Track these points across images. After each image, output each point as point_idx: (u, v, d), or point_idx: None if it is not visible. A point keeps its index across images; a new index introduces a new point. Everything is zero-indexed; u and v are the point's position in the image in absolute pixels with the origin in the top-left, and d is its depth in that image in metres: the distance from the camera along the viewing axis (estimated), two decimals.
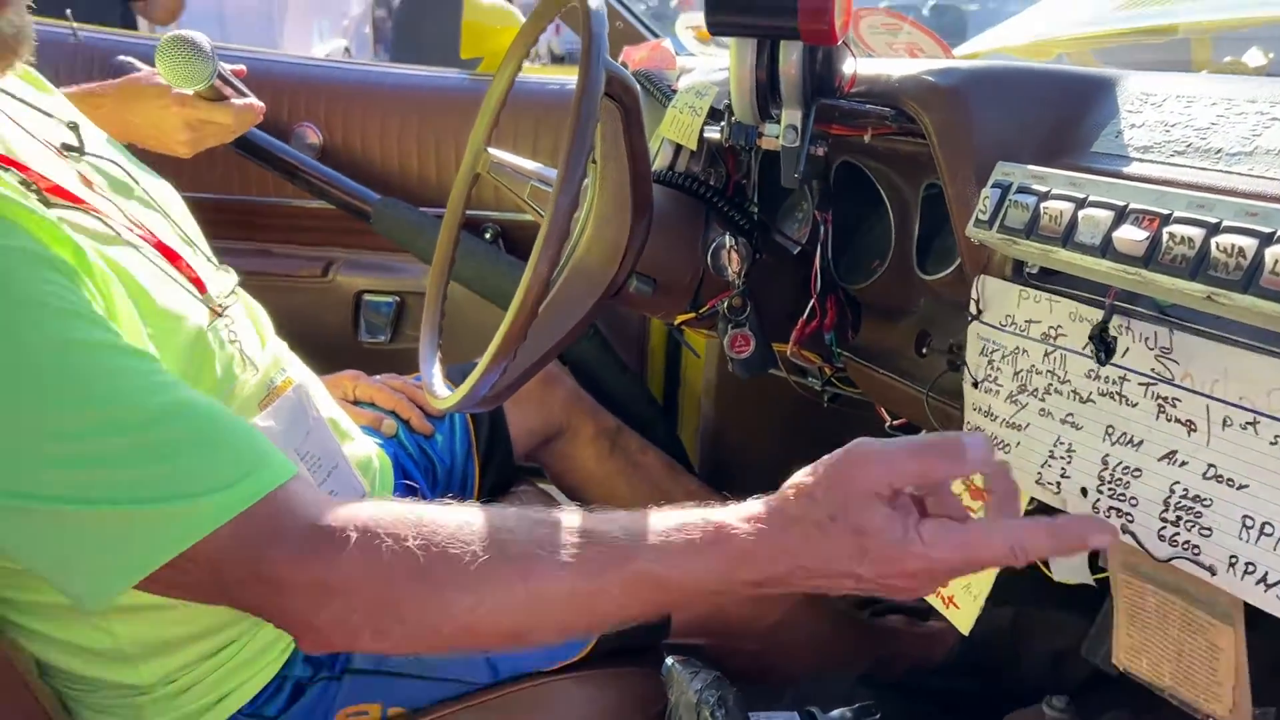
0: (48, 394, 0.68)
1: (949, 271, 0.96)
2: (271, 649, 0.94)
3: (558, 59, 6.03)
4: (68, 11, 1.70)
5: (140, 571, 0.68)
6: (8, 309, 0.69)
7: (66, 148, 0.91)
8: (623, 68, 0.93)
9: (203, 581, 0.70)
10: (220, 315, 0.93)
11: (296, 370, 1.06)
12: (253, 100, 1.35)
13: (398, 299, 1.76)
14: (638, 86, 0.95)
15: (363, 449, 1.14)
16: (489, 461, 1.38)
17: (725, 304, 1.11)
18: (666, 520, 0.70)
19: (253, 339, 1.00)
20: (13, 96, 0.91)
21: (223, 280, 1.00)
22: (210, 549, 0.68)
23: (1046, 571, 0.89)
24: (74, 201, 0.82)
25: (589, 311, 1.07)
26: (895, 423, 1.11)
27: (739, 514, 0.69)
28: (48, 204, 0.78)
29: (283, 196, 1.70)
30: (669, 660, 1.00)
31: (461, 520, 0.71)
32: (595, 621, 0.78)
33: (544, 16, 1.07)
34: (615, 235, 1.05)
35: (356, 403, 1.32)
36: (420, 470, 1.28)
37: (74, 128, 0.94)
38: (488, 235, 1.68)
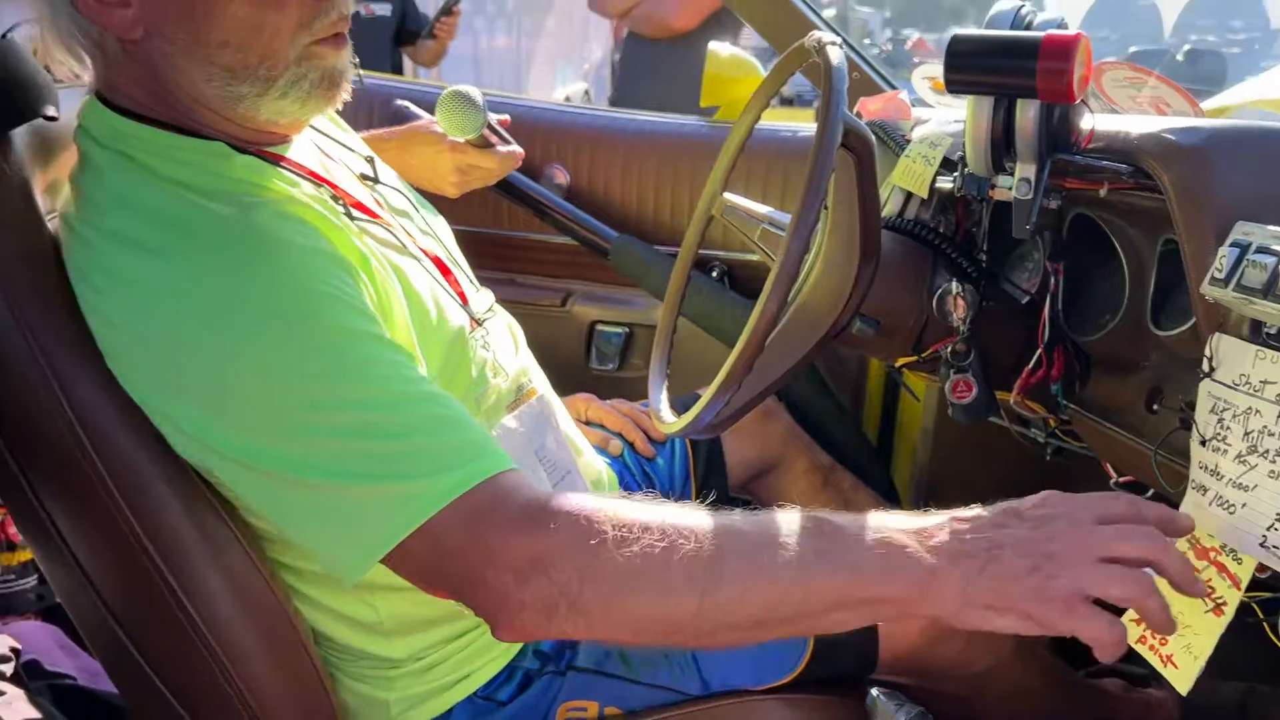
0: (314, 368, 0.80)
1: (1184, 329, 0.94)
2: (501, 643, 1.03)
3: (787, 101, 6.11)
4: (355, 59, 1.92)
5: (379, 548, 0.78)
6: (298, 294, 0.82)
7: (364, 177, 1.06)
8: (859, 120, 0.98)
9: (431, 558, 0.79)
10: (479, 325, 1.05)
11: (541, 383, 1.17)
12: (515, 148, 1.49)
13: (627, 330, 1.86)
14: (873, 138, 0.99)
15: (593, 464, 1.23)
16: (705, 488, 1.44)
17: (949, 349, 1.13)
18: (859, 530, 0.76)
19: (507, 348, 1.11)
20: (323, 133, 1.06)
21: (482, 299, 1.12)
22: (441, 523, 0.77)
23: None
24: (372, 216, 0.96)
25: (811, 350, 1.11)
26: (1121, 479, 1.09)
27: (935, 524, 0.76)
28: (351, 216, 0.92)
29: (530, 231, 1.85)
30: (874, 691, 1.03)
31: (664, 518, 0.77)
32: (784, 630, 0.82)
33: (787, 70, 1.14)
34: (842, 278, 1.10)
35: (588, 423, 1.42)
36: (642, 491, 1.36)
37: (370, 161, 1.09)
38: (715, 273, 1.75)
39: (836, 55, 0.99)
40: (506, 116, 1.54)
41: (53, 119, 0.95)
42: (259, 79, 0.89)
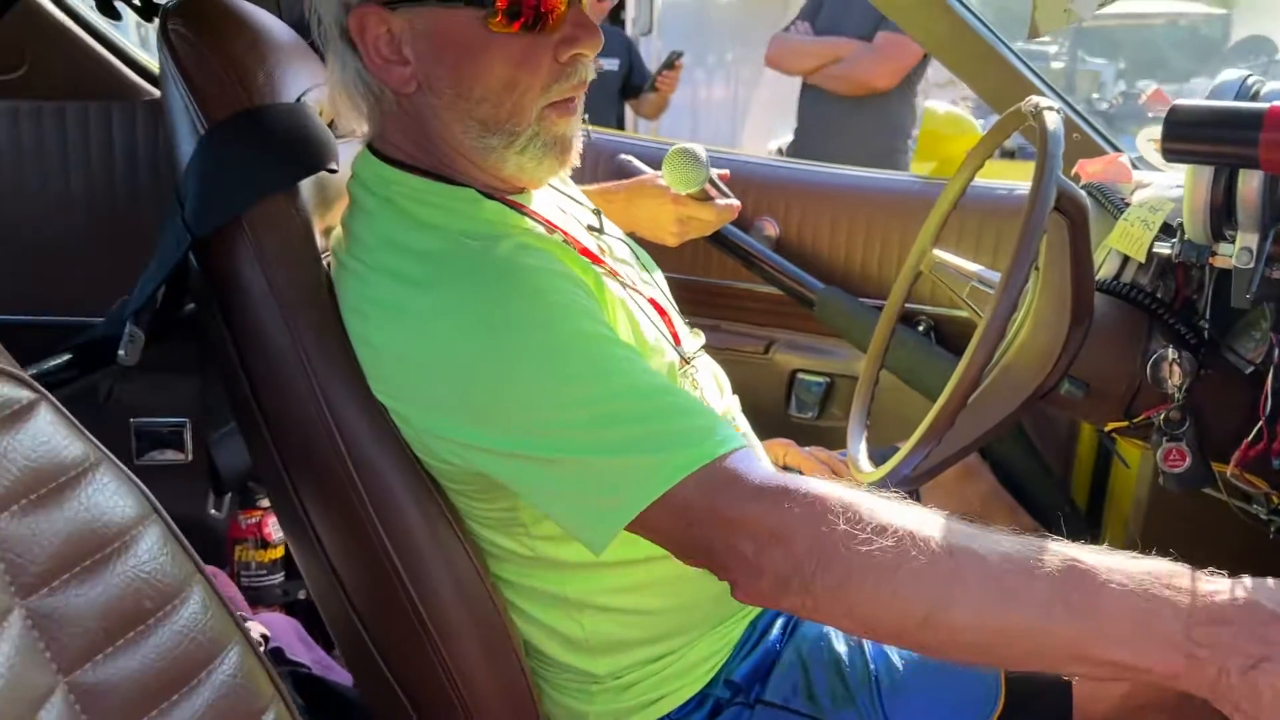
0: (573, 371, 0.90)
1: None
2: (701, 665, 1.09)
3: (1007, 153, 5.95)
4: (585, 116, 2.06)
5: (632, 510, 0.85)
6: (545, 308, 0.92)
7: (590, 227, 1.15)
8: (1072, 184, 0.99)
9: (675, 525, 0.86)
10: (688, 364, 1.12)
11: (743, 426, 1.22)
12: (732, 201, 1.57)
13: (829, 380, 1.89)
14: (1087, 202, 1.00)
15: None
16: None
17: (1162, 416, 1.11)
18: (1125, 578, 0.76)
19: (712, 389, 1.17)
20: (555, 188, 1.17)
21: (693, 341, 1.19)
22: (684, 492, 0.84)
23: None
24: (597, 262, 1.05)
25: (1016, 409, 1.12)
26: None
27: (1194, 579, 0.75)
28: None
29: (738, 280, 1.91)
30: None
31: (904, 523, 0.80)
32: (994, 659, 0.84)
33: (1003, 132, 1.17)
34: (1051, 339, 1.10)
35: (785, 468, 1.45)
36: None
37: (596, 213, 1.19)
38: (921, 328, 1.76)
39: (1053, 120, 1.01)
40: (726, 171, 1.62)
41: (333, 171, 1.10)
42: (505, 133, 0.99)
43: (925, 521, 0.81)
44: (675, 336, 1.13)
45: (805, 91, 3.47)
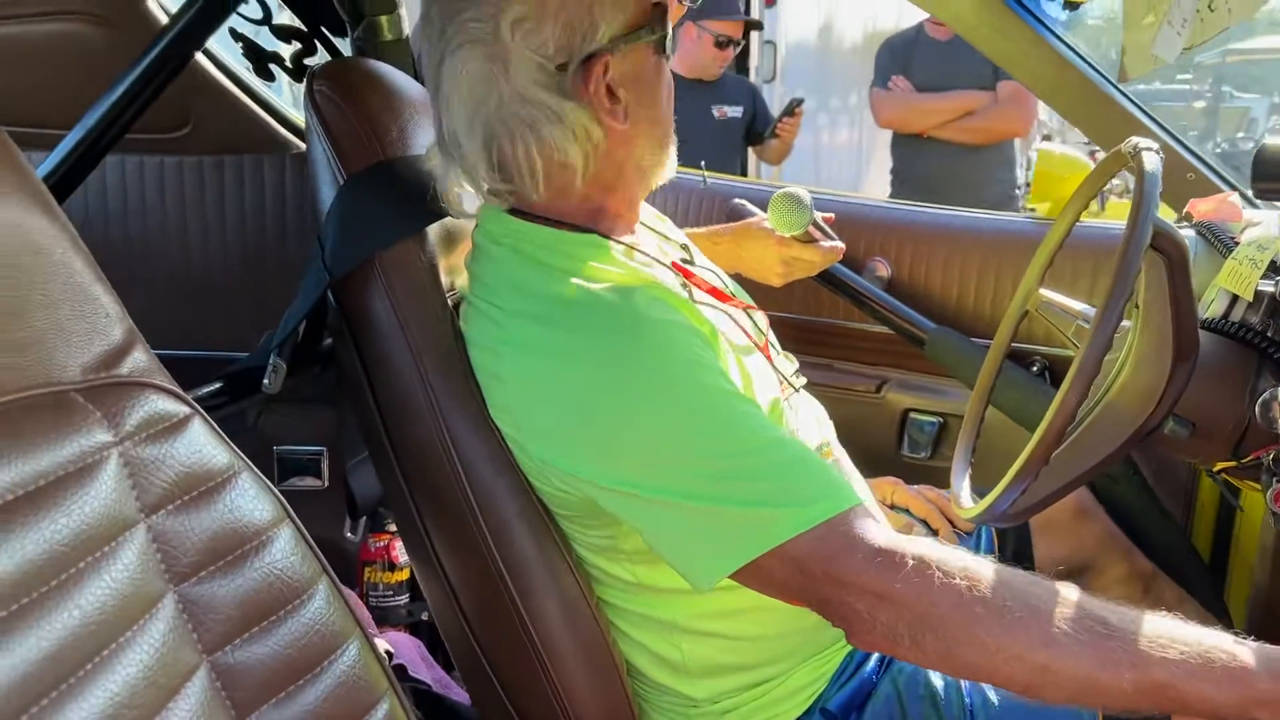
0: (699, 423, 0.94)
1: None
2: (799, 693, 1.11)
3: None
4: (701, 163, 2.13)
5: (742, 559, 0.90)
6: (674, 364, 0.97)
7: (684, 260, 1.20)
8: (1169, 223, 0.99)
9: (789, 577, 0.90)
10: (794, 391, 1.17)
11: (839, 453, 1.25)
12: (837, 243, 1.60)
13: (941, 420, 1.89)
14: (1185, 241, 1.01)
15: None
16: None
17: (1271, 455, 1.09)
18: (1189, 635, 0.80)
19: (810, 421, 1.21)
20: (645, 225, 1.22)
21: (788, 365, 1.23)
22: (798, 548, 0.89)
23: None
24: (719, 297, 1.11)
25: (1119, 448, 1.11)
26: None
27: (1266, 654, 0.77)
28: (691, 296, 1.07)
29: (849, 320, 1.94)
30: None
31: (1005, 575, 0.87)
32: (1099, 703, 0.87)
33: (1105, 173, 1.18)
34: (1154, 378, 1.10)
35: (893, 507, 1.47)
36: None
37: (685, 248, 1.24)
38: (1035, 368, 1.75)
39: (1151, 161, 1.02)
40: (831, 215, 1.66)
41: (459, 216, 1.18)
42: (667, 144, 1.12)
43: (1031, 584, 0.87)
44: (771, 363, 1.18)
45: (909, 143, 3.47)
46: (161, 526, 0.60)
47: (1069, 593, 0.87)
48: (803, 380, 1.25)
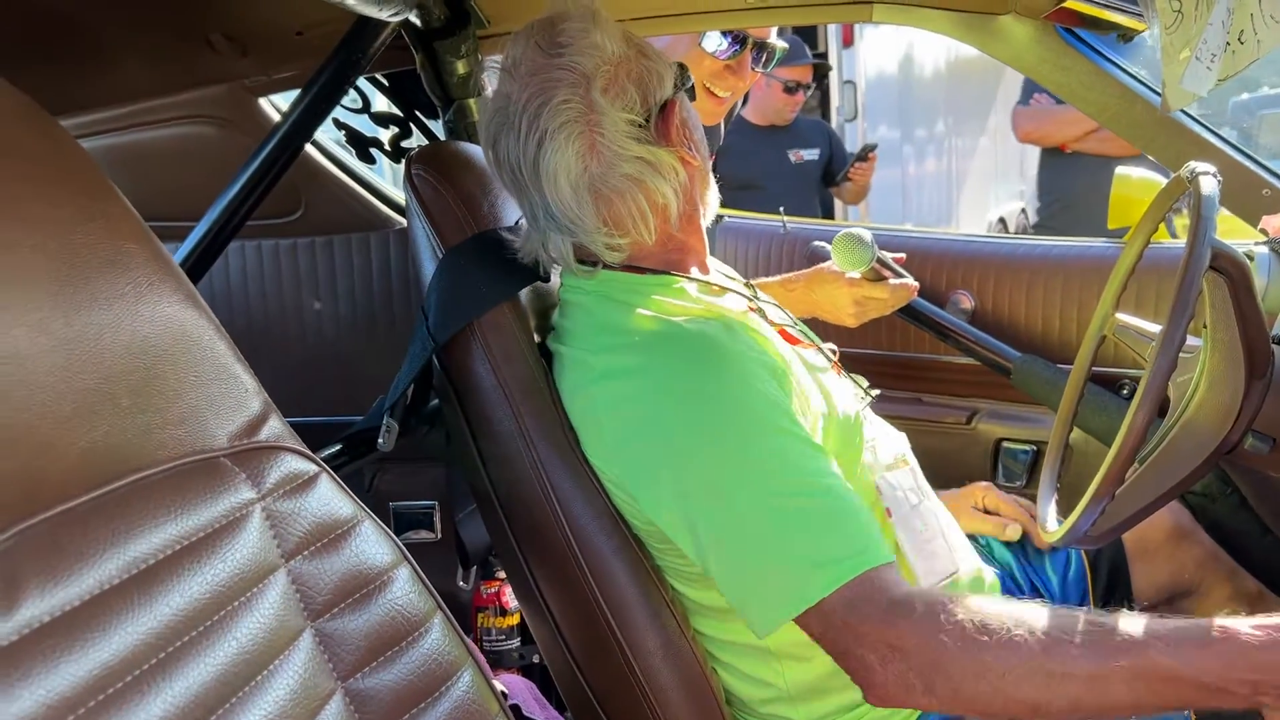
0: (761, 461, 1.01)
1: None
2: (897, 713, 1.15)
3: None
4: (781, 208, 2.20)
5: (794, 610, 0.96)
6: (746, 397, 1.04)
7: (749, 300, 1.27)
8: (1228, 244, 1.02)
9: (814, 629, 0.96)
10: (868, 396, 1.24)
11: (914, 464, 1.29)
12: (907, 280, 1.64)
13: (1035, 447, 1.90)
14: (1245, 260, 1.03)
15: (976, 563, 1.31)
16: (1105, 609, 1.43)
17: None
18: (1184, 620, 0.86)
19: (889, 429, 1.27)
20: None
21: (860, 380, 1.30)
22: (828, 601, 0.94)
23: None
24: (788, 339, 1.18)
25: (1199, 466, 1.13)
26: None
27: (1251, 621, 0.83)
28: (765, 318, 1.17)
29: (935, 353, 1.97)
30: None
31: (1001, 605, 0.91)
32: (1106, 704, 0.88)
33: (1170, 197, 1.21)
34: (1229, 395, 1.12)
35: (985, 510, 1.49)
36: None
37: (750, 286, 1.31)
38: (1125, 391, 1.75)
39: (1208, 185, 1.05)
40: (902, 255, 1.70)
41: (545, 280, 1.28)
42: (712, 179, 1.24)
43: (1027, 609, 0.92)
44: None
45: (1054, 162, 3.47)
46: (299, 570, 0.69)
47: (1071, 610, 0.92)
48: (876, 391, 1.31)
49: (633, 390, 1.08)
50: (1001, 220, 7.58)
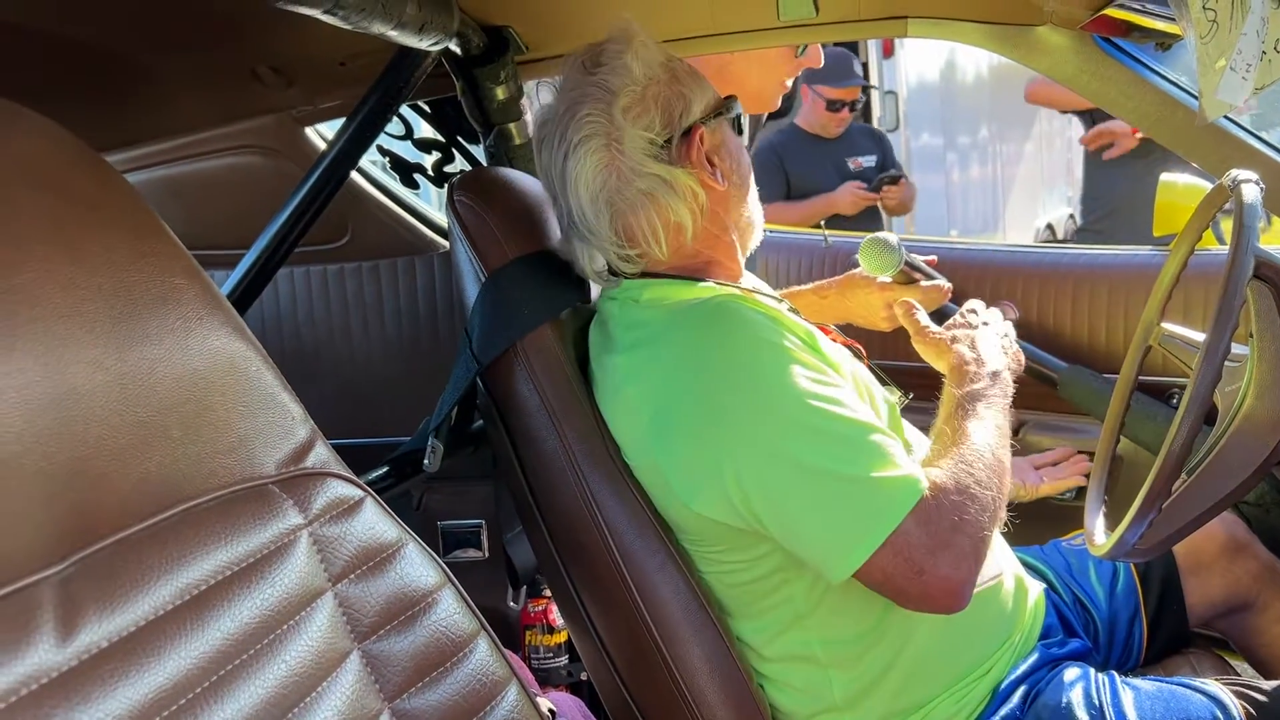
0: (790, 405, 1.05)
1: None
2: (939, 702, 1.16)
3: None
4: (821, 222, 2.20)
5: (875, 541, 1.01)
6: (761, 350, 1.08)
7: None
8: (1270, 253, 1.01)
9: (889, 561, 1.01)
10: (904, 399, 1.30)
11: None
12: (939, 282, 1.63)
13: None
14: None
15: (1016, 567, 1.30)
16: (1158, 626, 1.41)
17: None
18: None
19: (921, 437, 1.28)
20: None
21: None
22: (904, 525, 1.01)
23: None
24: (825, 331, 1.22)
25: (1249, 477, 1.11)
26: None
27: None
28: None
29: None
30: None
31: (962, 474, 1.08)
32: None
33: (1212, 205, 1.20)
34: (1277, 405, 1.10)
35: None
36: (1079, 624, 1.38)
37: (779, 300, 1.32)
38: (1173, 401, 1.73)
39: (1250, 193, 1.04)
40: (934, 257, 1.69)
41: (586, 303, 1.30)
42: (752, 200, 1.28)
43: (972, 471, 1.09)
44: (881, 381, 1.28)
45: (1102, 165, 3.45)
46: (346, 593, 0.71)
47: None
48: (910, 395, 1.32)
49: (657, 375, 1.12)
50: (1049, 226, 7.50)
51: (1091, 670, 1.22)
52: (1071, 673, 1.20)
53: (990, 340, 1.32)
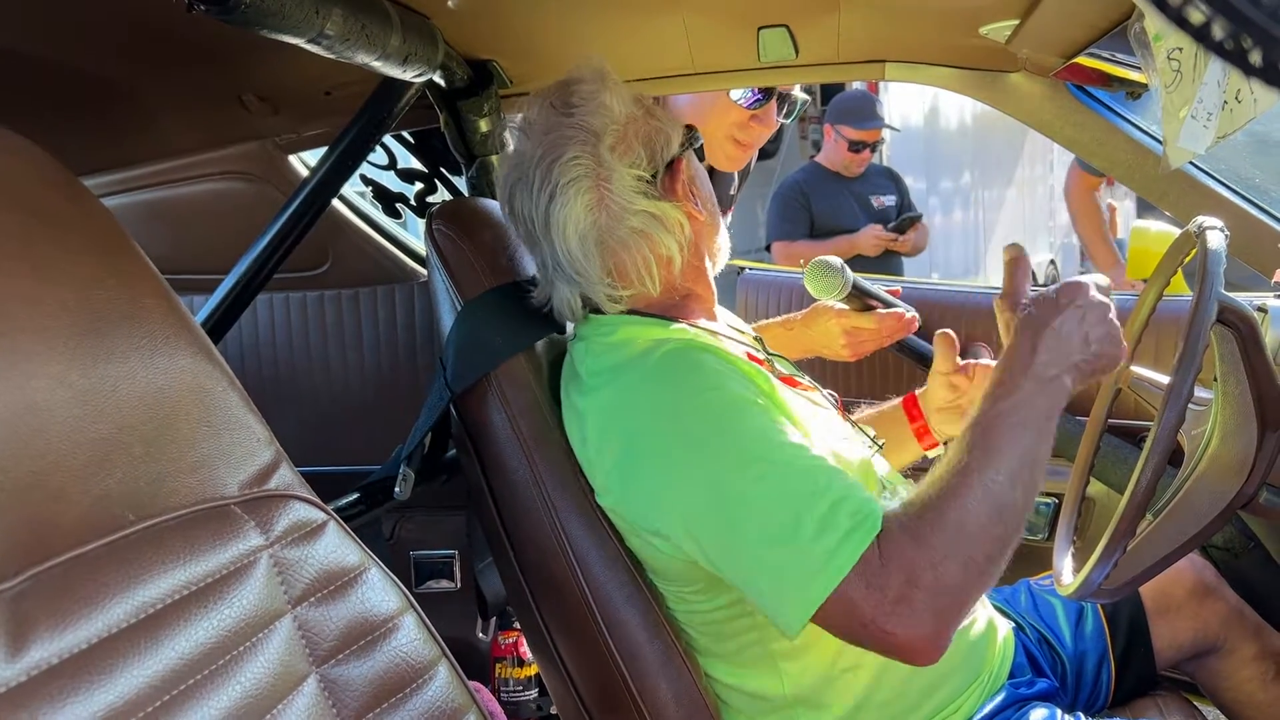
0: (738, 448, 1.02)
1: None
2: None
3: None
4: (802, 261, 2.21)
5: (814, 601, 0.95)
6: (713, 395, 1.06)
7: (757, 352, 1.28)
8: (1234, 298, 1.03)
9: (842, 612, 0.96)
10: (878, 449, 1.26)
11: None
12: (899, 309, 1.60)
13: (1056, 500, 1.89)
14: (1253, 314, 1.03)
15: (990, 612, 1.30)
16: (1125, 668, 1.41)
17: None
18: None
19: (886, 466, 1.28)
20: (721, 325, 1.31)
21: (868, 429, 1.31)
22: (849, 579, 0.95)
23: None
24: (788, 383, 1.19)
25: (1214, 520, 1.12)
26: None
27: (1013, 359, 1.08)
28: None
29: None
30: None
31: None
32: (1012, 503, 1.05)
33: (1180, 251, 1.22)
34: (1243, 448, 1.11)
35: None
36: (1047, 664, 1.37)
37: (758, 340, 1.33)
38: (1143, 443, 1.74)
39: (1215, 239, 1.06)
40: (898, 288, 1.69)
41: (561, 334, 1.30)
42: (721, 229, 1.29)
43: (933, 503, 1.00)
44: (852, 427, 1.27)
45: None
46: (305, 616, 0.70)
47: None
48: (883, 441, 1.31)
49: (618, 420, 1.12)
50: (1053, 262, 7.56)
51: (1059, 711, 1.22)
52: (1039, 713, 1.20)
53: (1072, 330, 1.08)
